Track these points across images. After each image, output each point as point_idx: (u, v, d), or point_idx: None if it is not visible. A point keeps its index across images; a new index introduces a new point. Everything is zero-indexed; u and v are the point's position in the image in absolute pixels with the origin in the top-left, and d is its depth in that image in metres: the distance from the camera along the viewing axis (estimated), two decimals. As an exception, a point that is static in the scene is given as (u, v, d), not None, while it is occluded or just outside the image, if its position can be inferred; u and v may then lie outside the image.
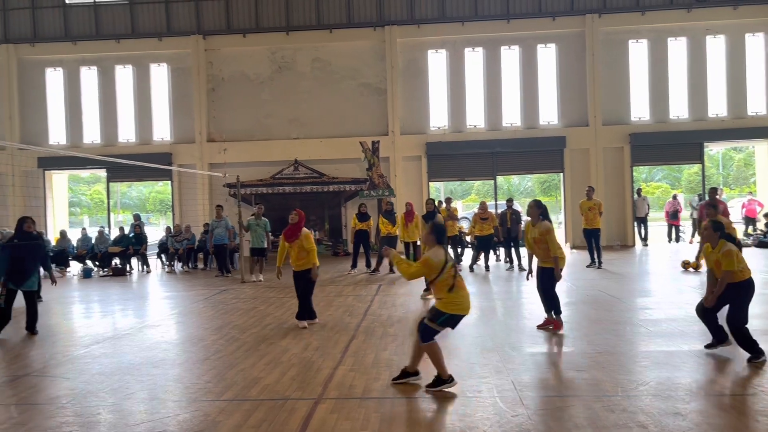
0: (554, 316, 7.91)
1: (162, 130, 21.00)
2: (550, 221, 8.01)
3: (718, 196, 12.69)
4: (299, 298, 8.70)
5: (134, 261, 17.47)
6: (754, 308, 8.90)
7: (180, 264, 17.21)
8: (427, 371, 5.74)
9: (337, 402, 5.38)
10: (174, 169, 19.27)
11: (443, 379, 5.59)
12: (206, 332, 8.55)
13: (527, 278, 8.62)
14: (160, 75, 21.03)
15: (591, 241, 14.38)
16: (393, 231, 14.62)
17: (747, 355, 6.21)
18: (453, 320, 5.70)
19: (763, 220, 19.11)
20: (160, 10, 20.75)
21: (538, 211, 7.85)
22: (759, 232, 18.69)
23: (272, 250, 19.91)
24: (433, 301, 6.00)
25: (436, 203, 16.21)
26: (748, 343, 6.20)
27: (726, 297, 6.31)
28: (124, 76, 21.12)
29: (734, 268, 6.20)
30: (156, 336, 8.45)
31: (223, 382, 6.11)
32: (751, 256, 15.36)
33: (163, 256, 17.49)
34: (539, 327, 7.98)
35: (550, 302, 7.92)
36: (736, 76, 19.74)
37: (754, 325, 7.94)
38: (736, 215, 19.74)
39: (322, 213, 20.18)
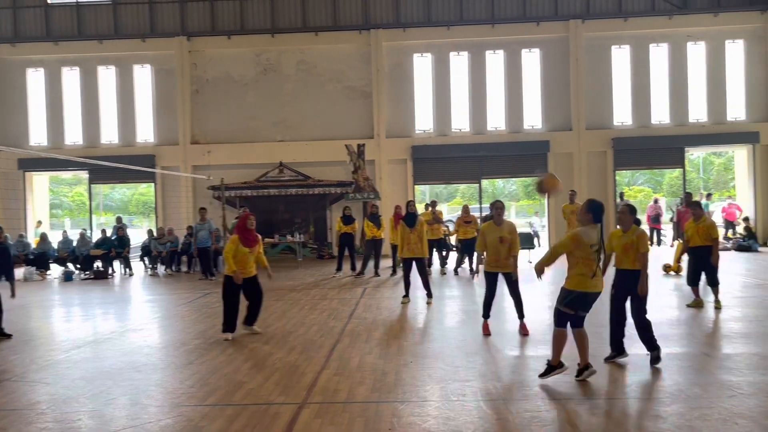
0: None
1: (145, 132, 20.84)
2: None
3: (702, 200, 12.86)
4: (256, 303, 8.30)
5: (116, 264, 17.30)
6: (731, 311, 9.03)
7: (163, 267, 17.07)
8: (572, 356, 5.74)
9: (321, 407, 5.37)
10: (157, 172, 19.12)
11: (552, 366, 5.78)
12: (189, 336, 8.48)
13: (474, 278, 8.44)
14: (143, 76, 20.87)
15: None
16: (378, 234, 14.65)
17: (723, 357, 6.29)
18: (581, 300, 5.71)
19: (743, 224, 19.39)
20: (143, 11, 20.60)
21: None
22: (738, 235, 18.95)
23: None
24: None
25: (426, 206, 16.31)
26: (650, 337, 6.34)
27: (630, 287, 6.32)
28: (107, 77, 20.93)
29: (648, 249, 6.31)
30: (138, 340, 8.37)
31: (206, 386, 6.07)
32: (731, 260, 15.57)
33: (146, 258, 17.34)
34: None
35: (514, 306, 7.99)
36: (716, 82, 20.03)
37: (734, 328, 8.07)
38: (717, 219, 19.98)
39: (307, 216, 20.13)
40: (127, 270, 17.00)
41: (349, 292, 12.27)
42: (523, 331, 7.81)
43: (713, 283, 9.39)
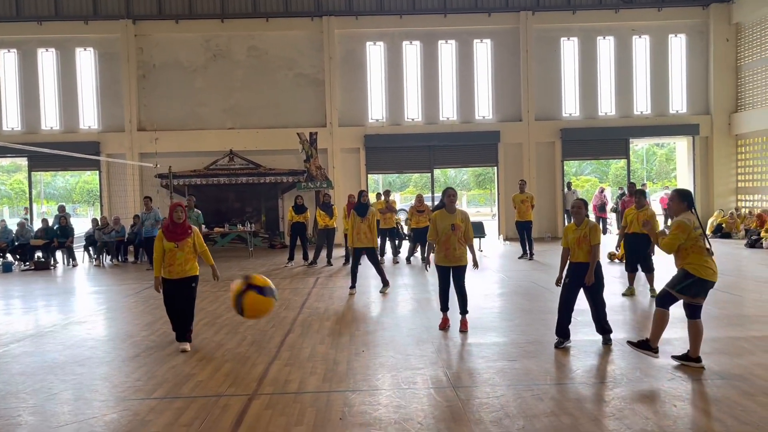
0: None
1: (89, 118, 20.11)
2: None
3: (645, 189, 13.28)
4: (183, 313, 7.02)
5: (59, 254, 16.72)
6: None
7: (109, 257, 16.59)
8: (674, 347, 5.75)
9: (271, 397, 5.33)
10: (102, 159, 18.51)
11: (648, 345, 5.97)
12: (136, 329, 8.28)
13: (426, 268, 8.10)
14: (86, 60, 20.11)
15: (523, 233, 14.78)
16: (331, 223, 14.61)
17: (662, 341, 6.53)
18: (698, 286, 5.74)
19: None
20: (86, -8, 19.81)
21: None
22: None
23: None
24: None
25: (379, 195, 16.35)
26: (606, 321, 6.73)
27: (583, 278, 6.58)
28: (47, 60, 20.07)
29: (600, 241, 6.58)
30: (82, 333, 8.12)
31: (153, 379, 5.94)
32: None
33: (90, 249, 16.82)
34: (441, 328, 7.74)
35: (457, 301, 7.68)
36: (659, 75, 20.68)
37: (672, 313, 8.38)
38: (656, 208, 20.73)
39: (258, 205, 19.87)
40: (71, 260, 16.46)
41: (301, 282, 12.21)
42: (463, 328, 7.54)
43: (648, 269, 9.73)
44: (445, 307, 7.77)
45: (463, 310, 7.66)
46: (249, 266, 14.86)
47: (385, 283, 10.64)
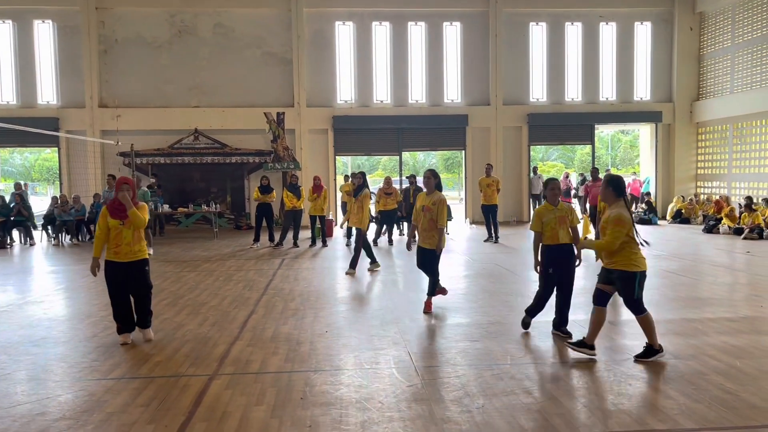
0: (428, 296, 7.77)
1: (47, 93, 19.49)
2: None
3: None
4: (140, 300, 6.45)
5: (15, 233, 16.26)
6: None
7: (68, 236, 16.20)
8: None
9: (232, 377, 5.29)
10: (61, 135, 17.98)
11: (655, 350, 5.56)
12: (95, 308, 8.12)
13: (408, 248, 8.17)
14: (44, 32, 19.42)
15: (489, 216, 14.90)
16: (298, 205, 14.52)
17: (621, 323, 6.67)
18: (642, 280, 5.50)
19: (645, 198, 20.58)
20: (44, -38, 19.08)
21: (435, 180, 7.60)
22: (640, 209, 20.08)
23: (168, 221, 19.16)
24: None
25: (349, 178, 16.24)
26: (568, 310, 6.49)
27: (564, 260, 6.32)
28: (3, 32, 19.32)
29: (579, 221, 6.48)
30: (38, 313, 7.93)
31: (111, 359, 5.83)
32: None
33: (49, 228, 16.40)
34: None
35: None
36: (625, 62, 20.94)
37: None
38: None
39: (224, 185, 19.60)
40: (28, 239, 16.03)
41: (266, 263, 12.11)
42: (427, 309, 7.58)
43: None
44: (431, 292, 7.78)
45: (430, 292, 7.72)
46: (213, 247, 14.68)
47: (352, 264, 10.63)
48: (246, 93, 19.69)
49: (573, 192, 22.42)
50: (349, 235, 14.95)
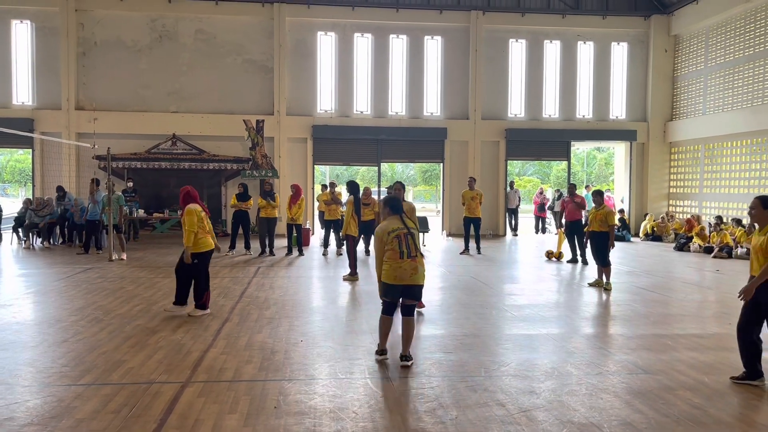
0: None
1: (23, 94, 19.18)
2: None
3: (584, 192, 13.81)
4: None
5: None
6: (604, 296, 9.73)
7: (39, 239, 15.91)
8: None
9: (205, 385, 5.24)
10: (36, 137, 17.69)
11: (380, 349, 6.05)
12: (66, 313, 7.98)
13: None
14: (22, 33, 19.14)
15: (470, 228, 15.07)
16: (273, 213, 14.44)
17: (593, 337, 6.76)
18: (387, 289, 5.87)
19: (618, 215, 20.89)
20: (24, -39, 18.85)
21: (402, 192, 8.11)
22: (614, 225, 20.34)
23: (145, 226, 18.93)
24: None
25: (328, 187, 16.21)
26: None
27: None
28: (-21, 30, 19.03)
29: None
30: (6, 316, 7.77)
31: (81, 365, 5.74)
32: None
33: (20, 230, 16.09)
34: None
35: None
36: (601, 81, 21.34)
37: (605, 311, 8.71)
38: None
39: (200, 192, 19.39)
40: (-2, 242, 15.72)
41: (241, 271, 12.03)
42: (419, 305, 7.95)
43: (604, 263, 10.25)
44: None
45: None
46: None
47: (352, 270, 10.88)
48: (226, 100, 19.62)
49: (549, 205, 22.69)
50: (326, 244, 14.93)
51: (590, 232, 10.46)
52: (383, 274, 5.85)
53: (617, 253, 15.90)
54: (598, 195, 10.55)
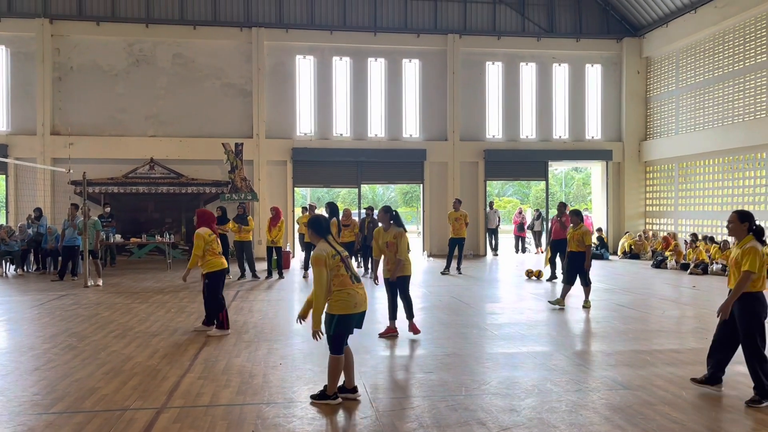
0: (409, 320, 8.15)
1: (-3, 119, 18.98)
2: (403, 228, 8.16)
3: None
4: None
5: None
6: (584, 313, 9.77)
7: (13, 267, 15.60)
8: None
9: (181, 411, 5.14)
10: (9, 162, 17.45)
11: (327, 395, 5.34)
12: (38, 340, 7.80)
13: (375, 283, 8.45)
14: (-3, 58, 19.01)
15: (454, 248, 15.13)
16: (247, 236, 14.30)
17: (573, 355, 6.77)
18: (343, 323, 5.23)
19: (596, 234, 21.09)
20: (-1, -13, 18.78)
21: (388, 215, 8.05)
22: (592, 244, 20.55)
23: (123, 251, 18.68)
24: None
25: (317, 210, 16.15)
26: None
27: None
28: (-47, 55, 18.84)
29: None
30: (-23, 345, 7.57)
31: (53, 393, 5.60)
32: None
33: (-8, 257, 15.75)
34: (381, 335, 8.04)
35: (403, 307, 8.16)
36: (577, 102, 21.70)
37: (585, 328, 8.74)
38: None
39: (178, 216, 19.27)
40: (-31, 270, 15.36)
41: (220, 294, 11.86)
42: (414, 330, 8.04)
43: (585, 283, 10.36)
44: (392, 316, 8.20)
45: (409, 315, 8.12)
46: (166, 278, 14.35)
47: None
48: (204, 123, 19.58)
49: (529, 225, 22.87)
50: (306, 266, 14.85)
51: (569, 252, 10.56)
52: (336, 305, 5.17)
53: (596, 271, 16.02)
54: (575, 215, 10.64)
